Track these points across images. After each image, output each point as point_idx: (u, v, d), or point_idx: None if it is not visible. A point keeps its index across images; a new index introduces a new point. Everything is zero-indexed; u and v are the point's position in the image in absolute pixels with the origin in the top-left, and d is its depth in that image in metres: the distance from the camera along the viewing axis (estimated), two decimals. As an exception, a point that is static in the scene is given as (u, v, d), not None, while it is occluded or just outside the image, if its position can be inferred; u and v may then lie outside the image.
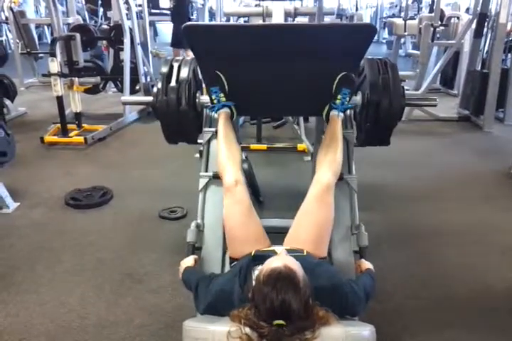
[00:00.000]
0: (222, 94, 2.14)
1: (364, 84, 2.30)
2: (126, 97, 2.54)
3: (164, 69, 2.28)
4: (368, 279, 1.76)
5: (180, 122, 2.26)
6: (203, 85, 2.33)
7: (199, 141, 2.48)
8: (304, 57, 2.04)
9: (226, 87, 2.14)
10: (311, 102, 2.23)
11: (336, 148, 2.03)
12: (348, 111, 2.39)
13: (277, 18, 2.84)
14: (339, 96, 2.12)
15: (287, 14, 2.91)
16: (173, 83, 2.22)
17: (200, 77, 2.33)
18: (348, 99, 2.14)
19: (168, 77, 2.25)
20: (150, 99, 2.29)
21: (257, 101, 2.28)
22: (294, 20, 3.03)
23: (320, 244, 1.80)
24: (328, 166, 1.95)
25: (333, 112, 2.15)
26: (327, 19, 8.98)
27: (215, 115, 2.20)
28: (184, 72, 2.25)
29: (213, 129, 2.33)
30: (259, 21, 2.97)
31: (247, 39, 2.02)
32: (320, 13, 2.74)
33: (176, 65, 2.28)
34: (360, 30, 2.04)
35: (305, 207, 1.88)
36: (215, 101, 2.16)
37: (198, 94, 2.32)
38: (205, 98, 2.27)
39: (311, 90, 2.17)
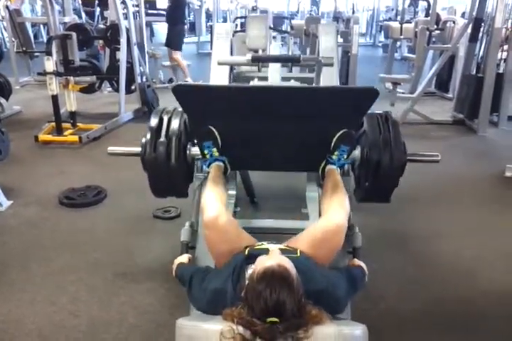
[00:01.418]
0: (215, 149, 2.06)
1: (363, 139, 2.23)
2: (113, 148, 2.47)
3: (153, 123, 2.19)
4: (357, 271, 1.76)
5: (169, 177, 2.18)
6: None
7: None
8: (302, 117, 1.98)
9: (219, 142, 2.06)
10: (308, 159, 2.15)
11: (341, 192, 1.91)
12: (346, 167, 2.25)
13: (273, 77, 2.74)
14: (336, 153, 2.05)
15: (284, 65, 2.81)
16: (162, 138, 2.13)
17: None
18: (345, 156, 2.08)
19: (157, 130, 2.16)
20: (138, 150, 2.20)
21: (251, 157, 2.20)
22: (291, 70, 2.87)
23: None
24: (338, 206, 1.81)
25: (330, 166, 2.07)
26: (323, 21, 9.00)
27: (207, 169, 2.10)
28: (175, 124, 2.17)
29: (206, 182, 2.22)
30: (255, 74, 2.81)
31: (240, 100, 1.96)
32: (319, 67, 2.58)
33: (165, 118, 2.20)
34: (362, 94, 1.97)
35: (308, 242, 1.72)
36: (207, 156, 2.09)
37: (189, 146, 2.23)
38: (196, 150, 2.18)
39: (307, 147, 2.10)
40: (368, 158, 2.15)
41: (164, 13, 8.52)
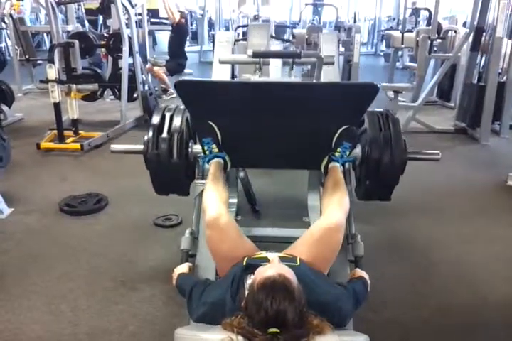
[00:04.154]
0: (214, 145, 2.07)
1: (364, 137, 2.23)
2: (116, 146, 2.46)
3: (155, 121, 2.19)
4: (360, 286, 1.74)
5: (171, 175, 2.18)
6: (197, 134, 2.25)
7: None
8: (302, 113, 1.99)
9: (219, 138, 2.07)
10: (309, 156, 2.16)
11: (341, 191, 1.92)
12: (347, 165, 2.29)
13: (274, 73, 2.74)
14: (339, 150, 2.06)
15: (285, 63, 2.80)
16: (164, 134, 2.13)
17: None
18: (348, 152, 2.08)
19: (159, 127, 2.16)
20: (141, 147, 2.19)
21: (251, 153, 2.20)
22: (292, 68, 2.91)
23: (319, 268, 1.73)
24: (337, 204, 1.83)
25: (333, 164, 2.08)
26: (325, 30, 9.03)
27: (207, 166, 2.13)
28: (177, 122, 2.17)
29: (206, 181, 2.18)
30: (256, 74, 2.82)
31: (242, 96, 1.97)
32: (320, 64, 2.60)
33: (168, 115, 2.21)
34: (362, 89, 1.98)
35: (307, 243, 1.76)
36: (207, 152, 2.10)
37: (190, 144, 2.24)
38: (198, 148, 2.19)
39: (308, 144, 2.10)
40: (369, 156, 2.15)
41: (166, 22, 8.56)
